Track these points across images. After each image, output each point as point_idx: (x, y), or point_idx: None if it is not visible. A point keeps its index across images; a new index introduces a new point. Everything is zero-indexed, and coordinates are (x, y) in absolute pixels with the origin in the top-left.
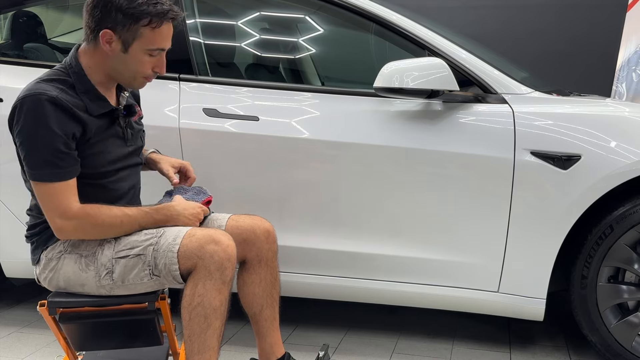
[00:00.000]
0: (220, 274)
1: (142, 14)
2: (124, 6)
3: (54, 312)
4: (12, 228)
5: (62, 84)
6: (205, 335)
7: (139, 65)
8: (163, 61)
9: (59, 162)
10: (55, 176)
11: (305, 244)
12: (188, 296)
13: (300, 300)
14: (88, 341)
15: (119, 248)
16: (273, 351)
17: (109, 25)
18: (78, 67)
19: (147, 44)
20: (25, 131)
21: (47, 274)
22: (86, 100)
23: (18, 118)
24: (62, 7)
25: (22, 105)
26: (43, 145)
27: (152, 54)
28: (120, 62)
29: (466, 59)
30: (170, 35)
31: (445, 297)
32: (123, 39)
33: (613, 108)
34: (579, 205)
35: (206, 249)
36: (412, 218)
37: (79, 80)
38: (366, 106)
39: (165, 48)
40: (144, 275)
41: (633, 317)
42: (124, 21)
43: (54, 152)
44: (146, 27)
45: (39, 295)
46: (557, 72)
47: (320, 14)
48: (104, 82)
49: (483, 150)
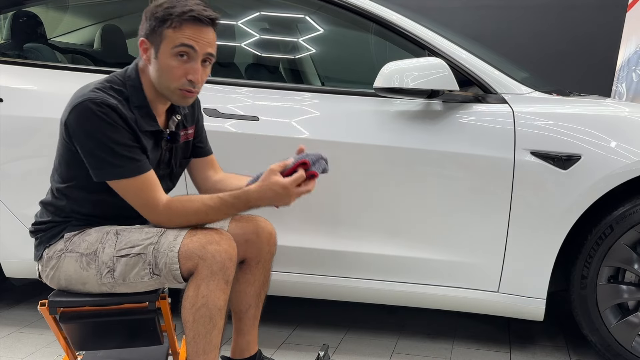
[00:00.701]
0: (223, 274)
1: (165, 17)
2: (153, 12)
3: (55, 311)
4: (12, 228)
5: (118, 94)
6: (211, 336)
7: (169, 70)
8: (196, 69)
9: (135, 154)
10: (137, 169)
11: (305, 244)
12: (191, 297)
13: (300, 300)
14: (88, 341)
15: (120, 246)
16: (248, 348)
17: (144, 33)
18: (137, 80)
19: (170, 43)
20: (92, 133)
21: (49, 272)
22: (137, 114)
23: (78, 123)
24: (62, 7)
25: (85, 109)
26: (114, 142)
27: (179, 53)
28: (155, 70)
29: (466, 59)
30: (199, 37)
31: (445, 297)
32: (154, 44)
33: (613, 108)
34: (579, 205)
35: (208, 249)
36: (412, 218)
37: (135, 94)
38: (366, 106)
39: (192, 46)
40: (144, 274)
41: (633, 317)
42: (152, 26)
43: (126, 147)
44: (169, 28)
45: (39, 295)
46: (557, 72)
47: (320, 14)
48: (154, 99)
49: (483, 150)
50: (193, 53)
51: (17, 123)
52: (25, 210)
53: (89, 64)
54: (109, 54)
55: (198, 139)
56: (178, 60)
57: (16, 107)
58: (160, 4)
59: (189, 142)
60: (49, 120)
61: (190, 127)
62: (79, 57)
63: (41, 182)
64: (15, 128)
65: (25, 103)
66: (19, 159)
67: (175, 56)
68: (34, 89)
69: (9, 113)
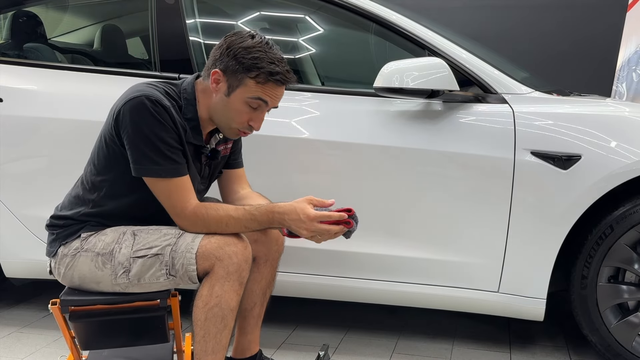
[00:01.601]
0: (238, 276)
1: (252, 67)
2: (240, 54)
3: (66, 310)
4: (12, 228)
5: (173, 100)
6: (221, 336)
7: (236, 113)
8: (261, 118)
9: (176, 157)
10: (176, 172)
11: (305, 244)
12: (205, 296)
13: (300, 300)
14: (96, 340)
15: (137, 247)
16: (249, 348)
17: (222, 66)
18: (192, 95)
19: (248, 93)
20: (141, 127)
21: (61, 269)
22: (186, 126)
23: (130, 116)
24: (62, 7)
25: (136, 104)
26: (161, 140)
27: (251, 104)
28: (221, 105)
29: (466, 58)
30: (275, 95)
31: (445, 297)
32: (229, 83)
33: (613, 108)
34: (579, 205)
35: (225, 250)
36: (412, 218)
37: (188, 107)
38: (366, 106)
39: (267, 102)
40: (160, 275)
41: (633, 317)
42: (235, 67)
43: (170, 147)
44: (252, 79)
45: (39, 295)
46: (557, 72)
47: (320, 14)
48: (205, 118)
49: (483, 150)
50: (264, 106)
51: (17, 123)
52: (25, 210)
53: (89, 64)
54: (109, 54)
55: (235, 154)
56: (249, 108)
57: (16, 107)
58: (247, 48)
59: (226, 156)
60: (49, 120)
61: (229, 142)
62: (79, 57)
63: (41, 182)
64: (15, 128)
65: (25, 103)
66: (19, 159)
67: (248, 105)
68: (34, 89)
69: (9, 113)
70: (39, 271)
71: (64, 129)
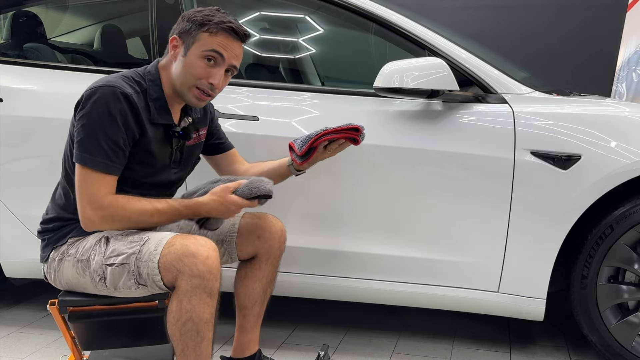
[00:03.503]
0: (204, 288)
1: (204, 21)
2: (192, 16)
3: (65, 310)
4: (11, 228)
5: (137, 85)
6: (200, 348)
7: (195, 69)
8: (220, 74)
9: (112, 155)
10: (105, 167)
11: (305, 244)
12: (175, 312)
13: (300, 300)
14: (96, 340)
15: (107, 254)
16: (249, 347)
17: (177, 32)
18: (156, 75)
19: (203, 46)
20: (92, 116)
21: (52, 273)
22: (152, 107)
23: (86, 102)
24: (62, 7)
25: (96, 92)
26: (104, 134)
27: (207, 57)
28: (180, 67)
29: (466, 58)
30: (230, 47)
31: (445, 297)
32: (186, 43)
33: (613, 108)
34: (579, 205)
35: (185, 263)
36: (412, 218)
37: (153, 87)
38: (366, 106)
39: (222, 55)
40: (130, 285)
41: (633, 317)
42: (188, 27)
43: (112, 144)
44: (205, 32)
45: (39, 295)
46: (557, 72)
47: (320, 14)
48: (170, 96)
49: (483, 150)
50: (220, 60)
51: (17, 123)
52: (25, 210)
53: (89, 64)
54: (109, 54)
55: (216, 137)
56: (205, 63)
57: (16, 107)
58: (201, 10)
59: (200, 144)
60: (49, 120)
61: (202, 129)
62: (79, 57)
63: (41, 182)
64: (15, 128)
65: (25, 103)
66: (19, 159)
67: (204, 58)
68: (34, 89)
69: (9, 113)
70: (39, 271)
71: (64, 129)
